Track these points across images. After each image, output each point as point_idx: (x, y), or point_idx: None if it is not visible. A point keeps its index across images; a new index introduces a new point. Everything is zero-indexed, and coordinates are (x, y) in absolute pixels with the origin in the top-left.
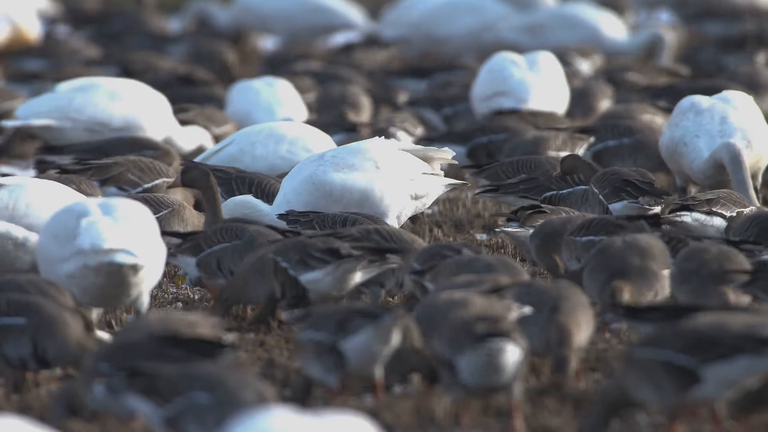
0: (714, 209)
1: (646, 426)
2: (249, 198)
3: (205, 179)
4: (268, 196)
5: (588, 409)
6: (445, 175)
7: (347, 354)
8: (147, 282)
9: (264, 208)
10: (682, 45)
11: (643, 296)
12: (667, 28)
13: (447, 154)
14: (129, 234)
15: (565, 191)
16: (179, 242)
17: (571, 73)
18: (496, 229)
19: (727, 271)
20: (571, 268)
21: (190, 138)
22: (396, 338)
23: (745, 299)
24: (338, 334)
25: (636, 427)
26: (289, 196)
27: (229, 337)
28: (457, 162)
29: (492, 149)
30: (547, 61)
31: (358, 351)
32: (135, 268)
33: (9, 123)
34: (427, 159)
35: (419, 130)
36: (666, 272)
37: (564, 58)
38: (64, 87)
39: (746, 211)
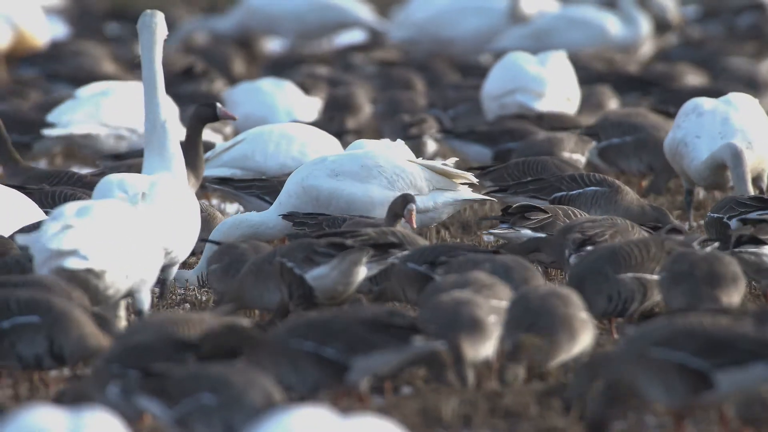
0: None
1: (653, 427)
2: (236, 217)
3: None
4: None
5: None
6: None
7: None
8: (128, 284)
9: (254, 219)
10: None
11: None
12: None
13: (469, 177)
14: (86, 237)
15: (575, 192)
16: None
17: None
18: (483, 232)
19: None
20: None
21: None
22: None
23: (737, 300)
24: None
25: (643, 428)
26: (282, 197)
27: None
28: (477, 182)
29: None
30: (559, 59)
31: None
32: (92, 273)
33: (52, 132)
34: (447, 176)
35: (439, 136)
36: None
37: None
38: (84, 92)
39: None
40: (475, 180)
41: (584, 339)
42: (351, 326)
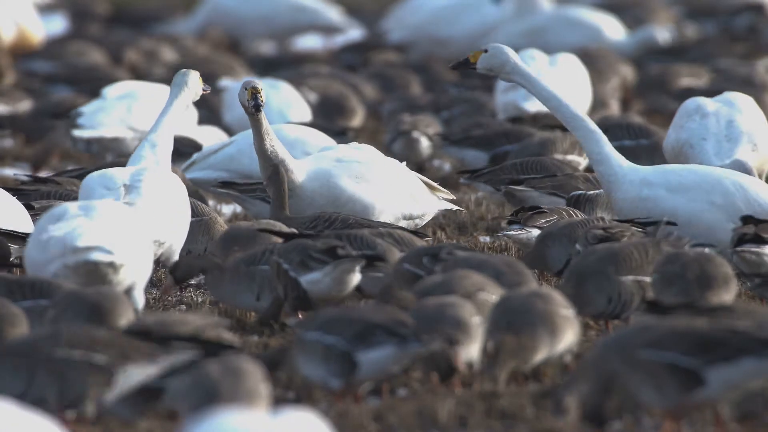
0: None
1: (649, 428)
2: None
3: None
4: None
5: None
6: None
7: (361, 365)
8: (131, 280)
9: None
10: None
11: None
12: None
13: (448, 193)
14: (105, 232)
15: (592, 192)
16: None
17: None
18: (499, 234)
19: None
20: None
21: (209, 139)
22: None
23: (729, 301)
24: (356, 343)
25: (640, 428)
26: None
27: (229, 337)
28: (454, 198)
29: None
30: (568, 61)
31: (374, 364)
32: (112, 266)
33: (82, 134)
34: (429, 187)
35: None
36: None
37: None
38: (111, 93)
39: None
40: (452, 196)
41: (567, 336)
42: (359, 320)
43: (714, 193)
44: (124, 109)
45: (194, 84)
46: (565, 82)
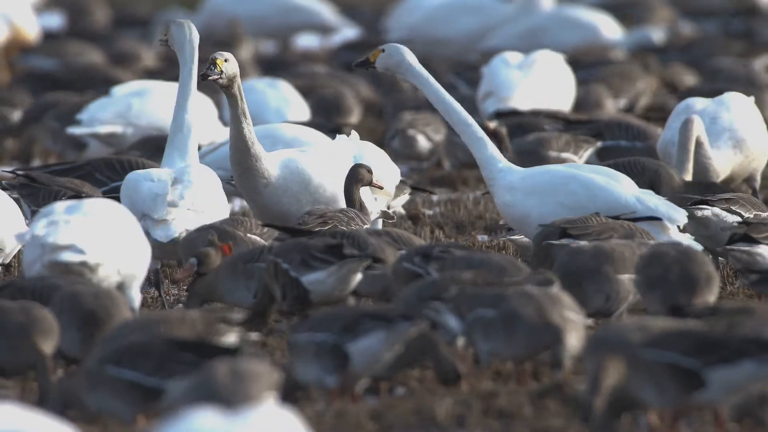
0: (733, 208)
1: (648, 427)
2: None
3: None
4: None
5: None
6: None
7: (353, 356)
8: (118, 278)
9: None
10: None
11: None
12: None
13: (388, 191)
14: (81, 232)
15: None
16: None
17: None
18: (502, 238)
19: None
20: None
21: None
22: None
23: (712, 299)
24: (345, 335)
25: (638, 428)
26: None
27: (231, 337)
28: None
29: None
30: (543, 60)
31: (366, 353)
32: (86, 266)
33: (76, 130)
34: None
35: (439, 136)
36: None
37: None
38: (120, 91)
39: (764, 215)
40: (391, 195)
41: (570, 339)
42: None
43: (560, 193)
44: (124, 106)
45: (196, 35)
46: (538, 81)
